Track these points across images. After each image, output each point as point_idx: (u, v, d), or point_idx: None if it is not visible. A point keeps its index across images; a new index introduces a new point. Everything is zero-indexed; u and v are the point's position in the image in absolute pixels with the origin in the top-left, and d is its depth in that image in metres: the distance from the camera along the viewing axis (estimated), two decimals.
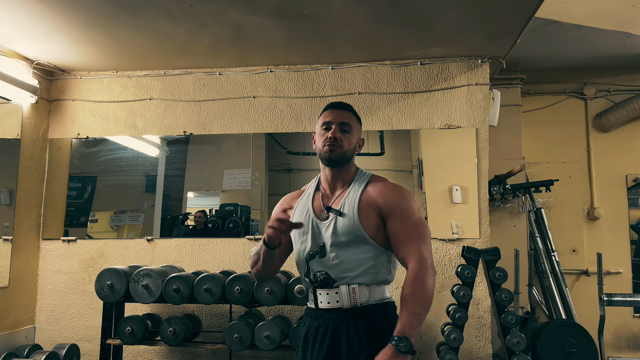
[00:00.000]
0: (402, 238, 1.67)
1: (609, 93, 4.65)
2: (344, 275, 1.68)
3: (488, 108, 3.73)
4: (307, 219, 1.77)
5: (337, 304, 1.68)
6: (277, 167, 4.03)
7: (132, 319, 3.24)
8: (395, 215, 1.69)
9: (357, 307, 1.67)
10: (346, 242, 1.68)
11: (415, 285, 1.59)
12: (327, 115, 1.80)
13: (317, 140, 1.82)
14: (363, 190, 1.74)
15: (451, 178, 3.69)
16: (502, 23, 3.15)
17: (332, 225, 1.71)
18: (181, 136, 3.98)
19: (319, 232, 1.73)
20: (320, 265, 1.71)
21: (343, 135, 1.76)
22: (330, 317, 1.70)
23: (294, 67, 3.90)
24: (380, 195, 1.72)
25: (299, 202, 1.86)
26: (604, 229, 4.55)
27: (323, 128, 1.79)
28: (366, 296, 1.67)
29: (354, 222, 1.68)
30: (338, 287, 1.68)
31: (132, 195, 4.06)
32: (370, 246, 1.69)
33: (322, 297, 1.71)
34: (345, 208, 1.71)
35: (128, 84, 4.06)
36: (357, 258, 1.68)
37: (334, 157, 1.74)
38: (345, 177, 1.80)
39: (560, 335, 3.31)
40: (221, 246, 3.80)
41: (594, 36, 3.92)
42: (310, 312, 1.79)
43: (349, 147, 1.76)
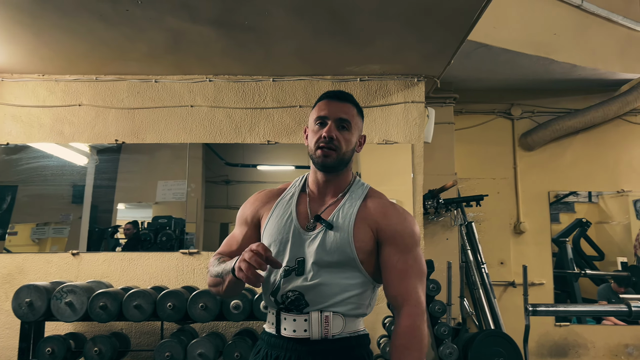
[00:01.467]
0: (397, 272, 1.40)
1: (534, 114, 4.95)
2: (320, 300, 1.38)
3: (423, 125, 3.85)
4: (288, 225, 1.45)
5: (304, 334, 1.38)
6: (215, 178, 3.94)
7: (53, 338, 3.02)
8: (395, 243, 1.42)
9: (328, 340, 1.38)
10: (332, 262, 1.39)
11: (411, 336, 1.34)
12: (323, 107, 1.47)
13: (309, 137, 1.48)
14: (361, 204, 1.46)
15: (388, 192, 3.70)
16: (437, 44, 3.28)
17: (319, 238, 1.40)
18: (113, 145, 3.80)
19: (301, 245, 1.42)
20: (294, 283, 1.40)
21: (341, 133, 1.44)
22: (294, 348, 1.39)
23: (234, 77, 3.85)
24: (382, 216, 1.44)
25: (277, 203, 1.51)
26: (529, 242, 4.80)
27: (317, 123, 1.46)
28: (340, 327, 1.39)
29: (347, 240, 1.39)
30: (308, 312, 1.38)
31: (57, 206, 3.81)
32: (359, 273, 1.41)
33: (287, 324, 1.40)
34: (339, 221, 1.42)
35: (55, 88, 3.84)
36: (340, 283, 1.39)
37: (328, 163, 1.43)
38: (340, 183, 1.50)
39: (489, 345, 3.43)
40: (153, 260, 3.64)
41: (521, 60, 4.16)
42: (268, 338, 1.46)
43: (347, 149, 1.45)
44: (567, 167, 4.89)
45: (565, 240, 4.89)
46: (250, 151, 3.89)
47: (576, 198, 5.00)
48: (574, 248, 4.90)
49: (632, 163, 4.85)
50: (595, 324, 4.74)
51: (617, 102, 4.65)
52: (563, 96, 4.92)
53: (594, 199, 5.01)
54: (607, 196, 4.95)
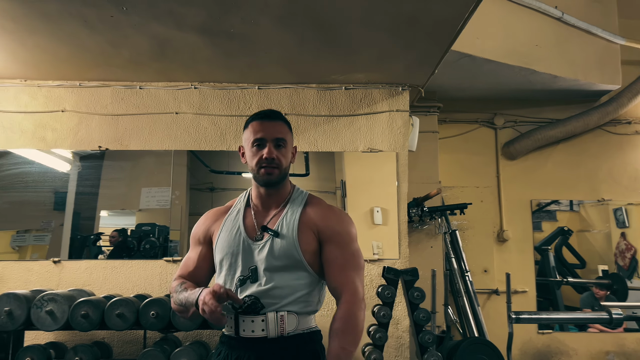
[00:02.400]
0: (337, 266, 1.56)
1: (516, 124, 5.02)
2: (274, 301, 1.52)
3: (408, 133, 3.89)
4: (237, 238, 1.59)
5: (262, 333, 1.50)
6: (199, 186, 3.92)
7: (32, 348, 2.97)
8: (334, 241, 1.58)
9: (284, 337, 1.51)
10: (282, 266, 1.53)
11: (346, 321, 1.49)
12: (258, 128, 1.59)
13: (248, 158, 1.62)
14: (302, 210, 1.61)
15: (373, 200, 3.79)
16: (421, 54, 3.32)
17: (267, 246, 1.54)
18: (96, 151, 3.77)
19: (251, 254, 1.55)
20: (250, 289, 1.53)
21: (279, 151, 1.58)
22: (253, 347, 1.51)
23: (220, 84, 3.85)
24: (321, 218, 1.60)
25: (226, 219, 1.65)
26: (512, 250, 4.85)
27: (255, 145, 1.58)
28: (294, 325, 1.52)
29: (293, 245, 1.54)
30: (265, 314, 1.51)
31: (38, 213, 3.76)
32: (306, 272, 1.56)
33: (246, 325, 1.51)
34: (283, 229, 1.56)
35: (38, 94, 3.80)
36: (292, 284, 1.54)
37: (272, 180, 1.58)
38: (281, 195, 1.65)
39: (473, 353, 3.44)
40: (136, 268, 3.61)
41: (503, 71, 4.23)
42: (228, 340, 1.57)
43: (286, 164, 1.60)
44: (549, 176, 4.96)
45: (547, 249, 4.95)
46: (235, 158, 3.88)
47: (558, 207, 5.07)
48: (556, 256, 4.96)
49: (612, 172, 4.94)
50: (577, 331, 4.80)
51: (597, 113, 4.75)
52: (545, 106, 5.01)
53: (576, 208, 5.09)
54: (588, 205, 5.03)
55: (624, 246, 4.93)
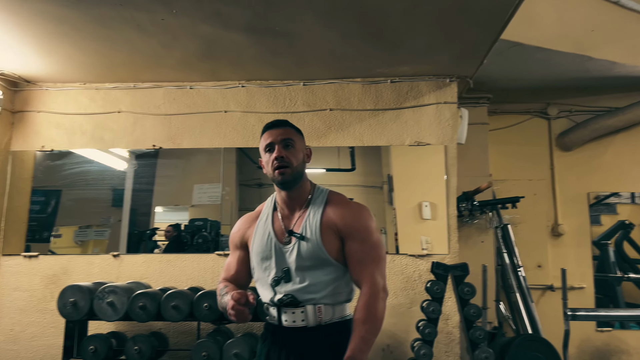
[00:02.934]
0: (356, 260, 1.67)
1: (571, 113, 4.81)
2: (309, 297, 1.66)
3: (456, 126, 3.81)
4: (269, 243, 1.72)
5: (302, 323, 1.66)
6: (248, 182, 4.01)
7: (95, 337, 3.14)
8: (354, 237, 1.68)
9: (322, 326, 1.66)
10: (311, 266, 1.66)
11: (366, 311, 1.60)
12: (266, 137, 1.74)
13: (264, 164, 1.75)
14: (323, 211, 1.72)
15: (421, 194, 3.74)
16: (469, 44, 3.24)
17: (295, 249, 1.67)
18: (150, 150, 3.92)
19: (283, 257, 1.69)
20: (286, 289, 1.68)
21: (288, 151, 1.70)
22: (295, 335, 1.68)
23: (266, 82, 3.91)
24: (339, 218, 1.70)
25: (257, 225, 1.79)
26: (567, 245, 4.67)
27: (267, 151, 1.73)
28: (330, 315, 1.67)
29: (318, 247, 1.66)
30: (304, 306, 1.66)
31: (98, 209, 3.96)
32: (334, 267, 1.68)
33: (287, 316, 1.68)
34: (308, 232, 1.68)
35: (96, 96, 3.99)
36: (322, 280, 1.67)
37: (287, 179, 1.69)
38: (302, 196, 1.76)
39: (526, 350, 3.36)
40: (190, 262, 3.73)
41: (557, 58, 4.06)
42: (272, 328, 1.74)
43: (297, 163, 1.71)
44: (608, 167, 4.73)
45: (607, 243, 4.73)
46: None
47: (618, 199, 4.83)
48: (616, 251, 4.73)
49: None
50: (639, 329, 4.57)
51: None
52: (602, 94, 4.77)
53: (638, 200, 4.83)
54: None
55: None
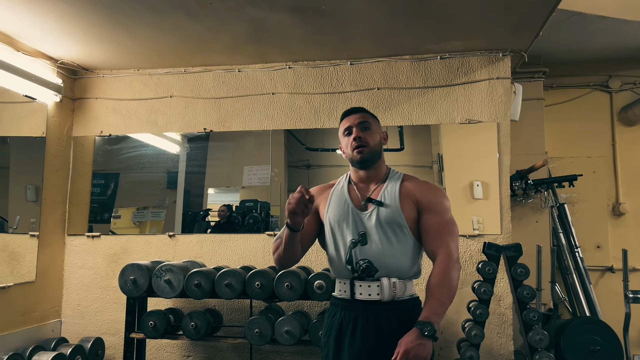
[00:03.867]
0: (434, 231, 1.76)
1: (635, 86, 4.53)
2: (385, 264, 1.73)
3: (510, 102, 3.67)
4: (346, 208, 1.81)
5: (377, 297, 1.73)
6: (296, 163, 4.04)
7: (154, 313, 3.29)
8: (432, 210, 1.78)
9: (395, 301, 1.74)
10: (388, 231, 1.75)
11: (442, 276, 1.69)
12: (344, 122, 1.88)
13: (343, 147, 1.88)
14: (400, 184, 1.83)
15: (472, 173, 3.65)
16: (523, 15, 3.10)
17: (374, 214, 1.77)
18: (201, 133, 4.02)
19: (360, 221, 1.78)
20: (363, 253, 1.74)
21: (365, 132, 1.82)
22: (368, 308, 1.74)
23: (313, 63, 3.90)
24: (418, 190, 1.81)
25: (332, 193, 1.89)
26: (629, 225, 4.44)
27: (345, 135, 1.87)
28: (403, 291, 1.75)
29: (397, 211, 1.75)
30: (379, 279, 1.73)
31: (154, 191, 4.11)
32: (408, 237, 1.77)
33: (362, 290, 1.74)
34: (387, 199, 1.78)
35: (149, 82, 4.11)
36: (397, 248, 1.75)
37: (365, 157, 1.81)
38: (378, 175, 1.87)
39: (584, 333, 3.25)
40: (241, 242, 3.83)
41: (620, 27, 3.82)
42: (343, 302, 1.80)
43: (374, 143, 1.83)
44: None
45: None
46: (330, 135, 3.93)
47: None
48: None
49: None
50: None
51: None
52: None
53: None
54: None
55: None
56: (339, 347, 1.76)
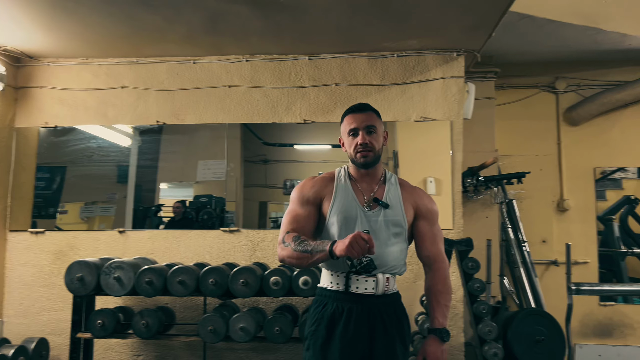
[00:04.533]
0: (429, 238, 1.91)
1: (579, 87, 4.75)
2: (385, 262, 1.82)
3: (463, 101, 3.76)
4: (353, 204, 1.86)
5: (372, 290, 1.81)
6: (253, 158, 3.99)
7: (103, 312, 3.18)
8: (427, 218, 1.92)
9: (386, 295, 1.85)
10: (392, 233, 1.84)
11: (445, 284, 1.87)
12: (351, 120, 1.89)
13: (346, 146, 1.92)
14: (400, 188, 1.93)
15: (426, 170, 3.73)
16: (478, 16, 3.18)
17: (381, 214, 1.85)
18: (154, 126, 3.90)
19: (366, 219, 1.84)
20: None
21: (370, 137, 1.86)
22: (362, 301, 1.82)
23: (271, 56, 3.86)
24: (418, 197, 1.94)
25: (337, 187, 1.91)
26: (572, 220, 4.66)
27: (350, 135, 1.88)
28: (392, 285, 1.87)
29: (401, 215, 1.87)
30: (376, 275, 1.81)
31: (103, 186, 3.97)
32: (403, 239, 1.89)
33: (359, 283, 1.81)
34: (391, 201, 1.88)
35: (99, 71, 3.95)
36: (397, 249, 1.86)
37: (368, 162, 1.87)
38: (377, 174, 1.93)
39: (529, 324, 3.38)
40: (195, 238, 3.75)
41: (566, 31, 3.98)
42: (335, 294, 1.85)
43: (378, 147, 1.89)
44: (615, 142, 4.68)
45: (611, 218, 4.72)
46: (287, 130, 3.91)
47: (624, 174, 4.80)
48: (621, 226, 4.73)
49: None
50: None
51: None
52: (611, 68, 4.68)
53: None
54: None
55: None
56: (330, 336, 1.81)
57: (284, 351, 3.59)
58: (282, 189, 3.94)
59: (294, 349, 3.58)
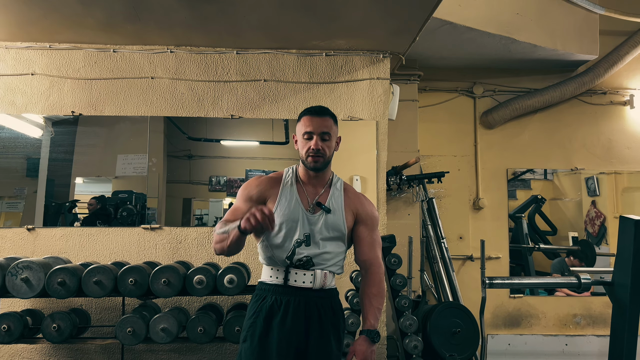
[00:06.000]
0: (367, 243, 1.99)
1: (495, 93, 5.04)
2: (323, 262, 1.91)
3: (388, 102, 3.87)
4: (296, 208, 1.92)
5: (309, 284, 1.89)
6: (177, 153, 3.86)
7: (8, 315, 2.94)
8: (367, 223, 2.00)
9: (323, 289, 1.93)
10: (331, 237, 1.92)
11: (379, 287, 1.96)
12: (307, 123, 1.92)
13: (299, 147, 1.95)
14: (344, 194, 2.00)
15: (352, 168, 3.79)
16: (403, 20, 3.28)
17: (322, 219, 1.92)
18: (69, 116, 3.66)
19: (308, 223, 1.91)
20: (306, 251, 1.89)
21: (324, 143, 1.91)
22: (300, 293, 1.89)
23: (197, 48, 3.75)
24: (360, 203, 2.01)
25: (282, 189, 1.96)
26: (487, 218, 4.95)
27: (305, 137, 1.92)
28: (330, 281, 1.95)
29: (341, 221, 1.94)
30: (314, 270, 1.90)
31: (10, 180, 3.67)
32: (343, 243, 1.97)
33: (297, 277, 1.89)
34: (334, 206, 1.95)
35: (6, 56, 3.64)
36: (335, 251, 1.94)
37: (318, 167, 1.92)
38: (324, 177, 1.99)
39: (447, 317, 3.55)
40: (113, 236, 3.57)
41: (484, 39, 4.22)
42: (274, 287, 1.91)
43: (329, 154, 1.94)
44: (525, 145, 5.03)
45: (521, 216, 5.07)
46: (214, 125, 3.82)
47: (532, 175, 5.17)
48: (529, 223, 5.09)
49: (585, 142, 5.03)
50: (547, 295, 4.98)
51: (573, 83, 4.80)
52: (523, 75, 5.03)
53: (549, 177, 5.19)
54: (561, 174, 5.14)
55: (594, 214, 5.08)
56: (268, 328, 1.87)
57: (207, 351, 3.51)
58: (207, 185, 3.84)
59: (218, 349, 3.51)
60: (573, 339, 4.79)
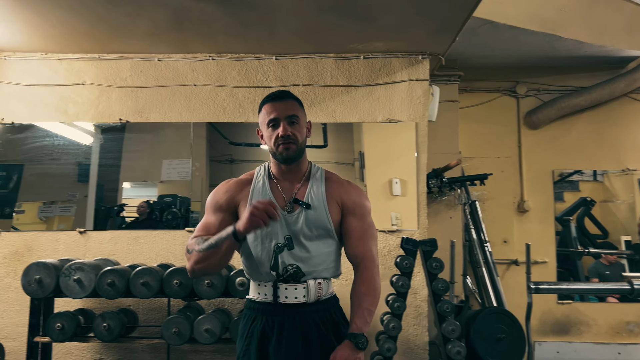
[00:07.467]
0: (357, 235, 1.71)
1: (539, 92, 4.91)
2: (313, 269, 1.66)
3: (428, 103, 3.83)
4: None
5: (303, 299, 1.65)
6: (219, 157, 3.95)
7: (62, 314, 3.08)
8: (355, 213, 1.73)
9: (320, 301, 1.69)
10: (316, 236, 1.67)
11: (369, 284, 1.67)
12: (270, 110, 1.70)
13: (266, 139, 1.73)
14: (325, 184, 1.74)
15: (391, 171, 3.77)
16: (442, 21, 3.24)
17: (302, 217, 1.66)
18: (117, 124, 3.81)
19: (287, 224, 1.66)
20: (292, 258, 1.65)
21: (293, 128, 1.68)
22: (294, 311, 1.65)
23: (237, 55, 3.83)
24: (344, 192, 1.74)
25: (253, 190, 1.73)
26: (532, 221, 4.81)
27: (270, 126, 1.69)
28: (326, 290, 1.71)
29: (325, 215, 1.68)
30: (306, 281, 1.65)
31: (63, 185, 3.84)
32: (333, 240, 1.72)
33: (288, 293, 1.64)
34: (314, 201, 1.69)
35: (59, 67, 3.83)
36: (324, 252, 1.70)
37: (291, 155, 1.68)
38: (301, 169, 1.75)
39: (491, 322, 3.46)
40: (159, 238, 3.68)
41: (527, 37, 4.11)
42: (264, 307, 1.67)
43: (301, 139, 1.71)
44: (572, 145, 4.86)
45: (569, 219, 4.90)
46: (254, 130, 3.87)
47: (581, 177, 4.99)
48: (577, 227, 4.91)
49: (637, 141, 4.81)
50: (597, 301, 4.78)
51: (624, 80, 4.60)
52: (569, 74, 4.87)
53: (599, 178, 5.00)
54: (612, 175, 4.94)
55: None
56: (263, 355, 1.64)
57: None
58: None
59: None
60: (626, 347, 4.57)
